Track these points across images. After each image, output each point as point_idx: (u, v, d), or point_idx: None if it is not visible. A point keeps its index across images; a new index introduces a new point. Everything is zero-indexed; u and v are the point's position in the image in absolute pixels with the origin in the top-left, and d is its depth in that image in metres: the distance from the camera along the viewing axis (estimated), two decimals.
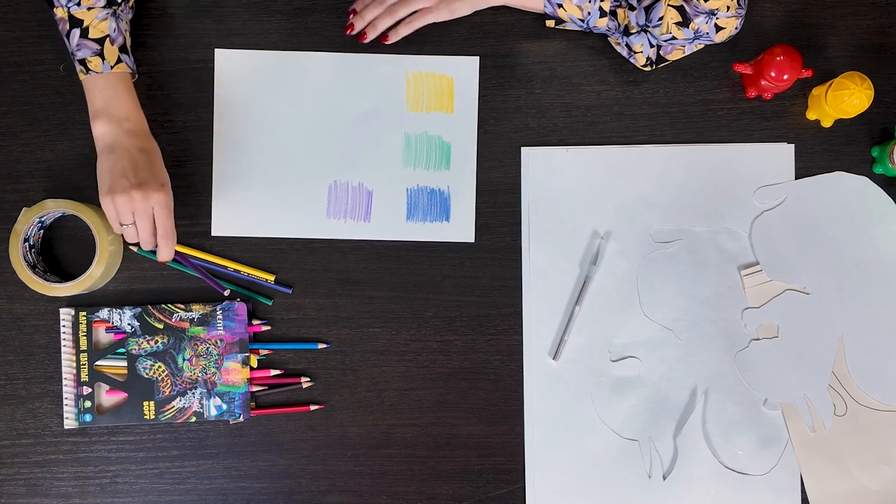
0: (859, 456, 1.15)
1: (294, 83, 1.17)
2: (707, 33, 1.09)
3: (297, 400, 1.15)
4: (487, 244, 1.16)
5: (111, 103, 1.05)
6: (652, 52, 1.12)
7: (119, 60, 1.05)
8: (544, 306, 1.17)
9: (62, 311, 1.13)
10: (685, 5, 1.08)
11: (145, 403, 1.13)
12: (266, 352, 1.15)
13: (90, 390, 1.13)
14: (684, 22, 1.08)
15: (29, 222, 1.09)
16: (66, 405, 1.13)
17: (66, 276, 1.14)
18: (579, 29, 1.15)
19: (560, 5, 1.11)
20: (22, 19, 1.16)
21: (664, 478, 1.15)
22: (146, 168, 1.02)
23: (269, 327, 1.15)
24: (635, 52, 1.13)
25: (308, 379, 1.15)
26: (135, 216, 1.02)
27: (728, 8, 1.07)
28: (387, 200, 1.17)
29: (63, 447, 1.15)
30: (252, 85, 1.17)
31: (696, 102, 1.18)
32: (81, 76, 1.05)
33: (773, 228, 1.16)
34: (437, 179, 1.17)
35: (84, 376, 1.13)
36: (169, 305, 1.13)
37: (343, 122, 1.17)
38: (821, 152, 1.18)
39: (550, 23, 1.15)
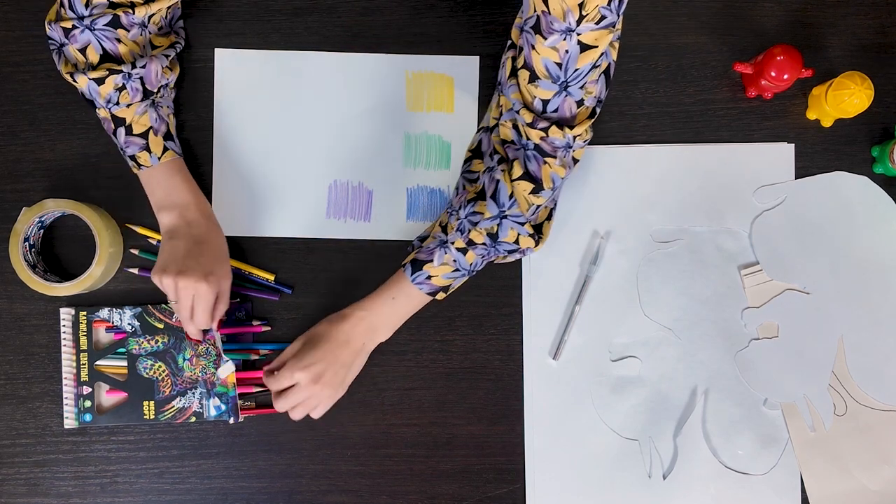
0: (859, 456, 1.15)
1: (294, 83, 1.17)
2: (563, 178, 1.03)
3: None
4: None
5: (170, 194, 1.07)
6: (527, 228, 1.05)
7: (165, 149, 1.07)
8: (544, 306, 1.17)
9: (62, 310, 1.13)
10: (527, 167, 1.02)
11: (145, 403, 1.13)
12: (266, 352, 1.15)
13: (90, 390, 1.13)
14: (538, 186, 1.02)
15: (29, 222, 1.09)
16: (66, 405, 1.13)
17: (67, 275, 1.14)
18: (466, 277, 1.09)
19: (429, 278, 1.06)
20: (22, 19, 1.16)
21: (664, 477, 1.15)
22: (196, 257, 1.03)
23: (269, 328, 1.15)
24: (520, 246, 1.06)
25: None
26: (178, 299, 1.04)
27: (579, 136, 0.99)
28: (387, 200, 1.16)
29: (63, 447, 1.15)
30: (252, 85, 1.17)
31: (696, 102, 1.18)
32: (134, 171, 1.08)
33: (774, 228, 1.16)
34: (437, 179, 1.17)
35: (84, 376, 1.13)
36: (169, 305, 1.13)
37: (343, 122, 1.17)
38: (821, 152, 1.18)
39: (442, 295, 1.09)
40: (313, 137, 1.17)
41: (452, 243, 1.05)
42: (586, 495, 1.16)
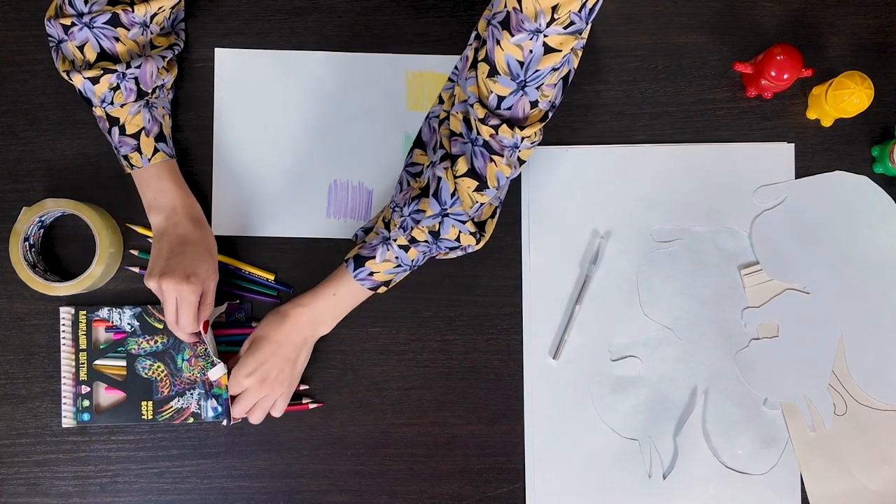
0: (859, 455, 1.15)
1: (294, 83, 1.17)
2: (507, 176, 1.02)
3: (296, 399, 1.15)
4: (487, 244, 1.16)
5: (158, 196, 1.07)
6: (469, 226, 1.04)
7: (156, 150, 1.07)
8: (544, 306, 1.16)
9: (62, 309, 1.13)
10: (473, 164, 1.01)
11: (143, 403, 1.13)
12: None
13: (89, 389, 1.13)
14: (481, 185, 1.01)
15: (29, 222, 1.09)
16: (65, 404, 1.13)
17: (66, 275, 1.14)
18: (409, 272, 1.09)
19: (371, 274, 1.06)
20: (22, 19, 1.16)
21: (664, 477, 1.15)
22: (178, 258, 1.04)
23: None
24: (461, 244, 1.06)
25: (306, 386, 1.15)
26: (163, 302, 1.05)
27: (527, 137, 0.99)
28: (387, 200, 1.16)
29: (63, 446, 1.15)
30: (252, 85, 1.17)
31: (696, 102, 1.18)
32: (126, 170, 1.08)
33: (774, 228, 1.16)
34: None
35: (83, 375, 1.13)
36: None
37: (343, 122, 1.17)
38: (821, 152, 1.18)
39: (383, 289, 1.09)
40: (313, 137, 1.17)
41: (395, 240, 1.05)
42: (586, 495, 1.16)
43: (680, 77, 1.18)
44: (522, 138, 0.98)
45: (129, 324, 1.13)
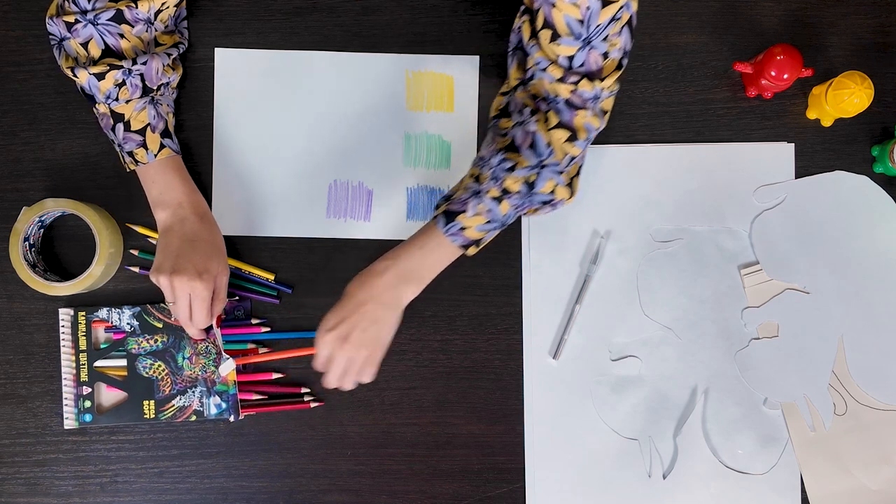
0: (859, 455, 1.15)
1: (294, 83, 1.17)
2: (598, 127, 1.02)
3: (296, 397, 1.15)
4: (487, 244, 1.16)
5: (164, 192, 1.06)
6: (564, 178, 1.03)
7: (162, 146, 1.06)
8: (544, 306, 1.17)
9: (61, 311, 1.13)
10: (561, 118, 1.00)
11: (145, 403, 1.13)
12: (265, 350, 1.15)
13: (90, 390, 1.13)
14: (573, 135, 1.01)
15: (29, 221, 1.09)
16: (66, 405, 1.13)
17: (67, 275, 1.14)
18: (499, 230, 1.05)
19: (462, 229, 1.02)
20: (22, 19, 1.16)
21: (664, 477, 1.15)
22: (188, 255, 1.03)
23: (267, 329, 1.15)
24: (555, 198, 1.04)
25: (308, 391, 1.15)
26: (175, 299, 1.04)
27: (607, 88, 1.00)
28: (387, 200, 1.16)
29: (63, 446, 1.15)
30: (252, 84, 1.17)
31: (696, 102, 1.18)
32: (131, 167, 1.07)
33: (773, 228, 1.16)
34: (437, 179, 1.17)
35: (84, 376, 1.13)
36: (168, 304, 1.13)
37: (343, 122, 1.17)
38: (821, 151, 1.18)
39: (472, 250, 1.04)
40: (313, 137, 1.17)
41: (487, 192, 1.01)
42: (586, 495, 1.16)
43: (680, 77, 1.18)
44: (602, 89, 0.99)
45: (128, 324, 1.13)
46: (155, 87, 1.06)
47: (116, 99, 1.04)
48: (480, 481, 1.16)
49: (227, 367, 1.09)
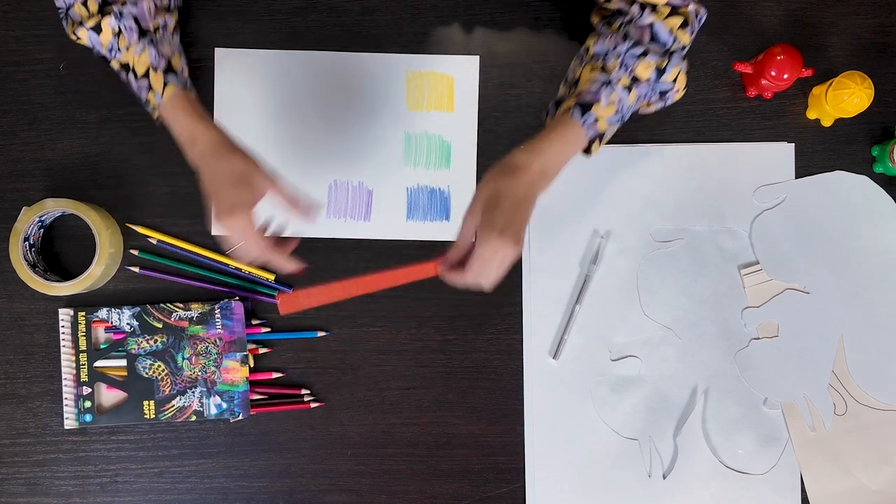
0: (859, 455, 1.15)
1: (294, 83, 1.17)
2: (699, 16, 1.04)
3: (296, 397, 1.16)
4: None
5: (180, 134, 1.01)
6: (685, 65, 1.04)
7: (166, 83, 1.01)
8: (544, 306, 1.17)
9: (61, 311, 1.13)
10: (671, 2, 1.02)
11: (145, 403, 1.13)
12: (265, 350, 1.15)
13: (90, 390, 1.13)
14: (685, 21, 1.03)
15: (29, 221, 1.09)
16: (67, 406, 1.13)
17: (67, 275, 1.14)
18: (616, 128, 1.05)
19: (596, 121, 1.01)
20: (22, 19, 1.16)
21: (664, 477, 1.15)
22: (217, 195, 0.97)
23: (268, 329, 1.15)
24: (676, 87, 1.04)
25: (308, 392, 1.15)
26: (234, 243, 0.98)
27: None
28: (387, 200, 1.16)
29: (63, 446, 1.15)
30: (252, 85, 1.17)
31: (696, 102, 1.18)
32: (154, 117, 1.03)
33: (773, 228, 1.16)
34: (437, 179, 1.17)
35: (84, 376, 1.13)
36: (168, 305, 1.13)
37: (343, 122, 1.17)
38: (821, 151, 1.18)
39: (596, 146, 1.03)
40: (313, 137, 1.17)
41: (618, 81, 1.01)
42: (586, 495, 1.16)
43: None
44: None
45: (128, 324, 1.13)
46: (151, 29, 1.04)
47: (119, 49, 1.02)
48: (480, 481, 1.16)
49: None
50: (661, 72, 1.02)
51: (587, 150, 1.03)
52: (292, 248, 1.02)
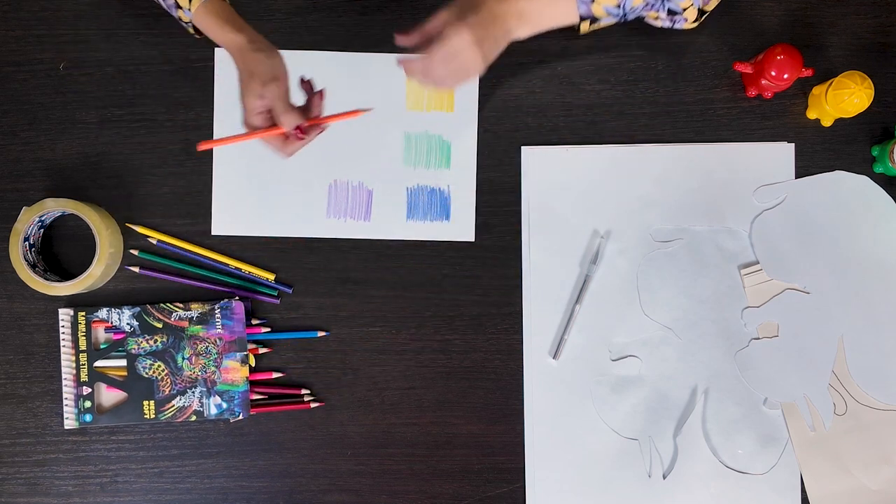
0: (859, 455, 1.15)
1: (294, 83, 1.16)
2: None
3: (296, 397, 1.16)
4: (487, 243, 1.16)
5: (217, 40, 1.03)
6: (700, 1, 1.06)
7: None
8: (544, 305, 1.17)
9: (61, 311, 1.13)
10: None
11: (145, 403, 1.13)
12: (265, 350, 1.15)
13: (90, 390, 1.13)
14: None
15: (29, 221, 1.09)
16: (67, 405, 1.13)
17: (67, 275, 1.14)
18: (613, 21, 1.07)
19: (593, 0, 1.03)
20: (22, 19, 1.16)
21: (664, 477, 1.15)
22: (245, 96, 1.01)
23: (268, 329, 1.15)
24: (684, 10, 1.06)
25: (308, 392, 1.15)
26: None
27: None
28: (387, 199, 1.16)
29: (63, 446, 1.15)
30: None
31: (696, 102, 1.18)
32: (191, 31, 1.07)
33: (773, 228, 1.16)
34: (437, 178, 1.17)
35: (84, 376, 1.13)
36: (168, 305, 1.13)
37: (343, 122, 1.17)
38: (821, 151, 1.18)
39: (585, 26, 1.06)
40: None
41: None
42: (586, 495, 1.16)
43: (680, 77, 1.18)
44: None
45: (128, 324, 1.13)
46: None
47: None
48: (480, 481, 1.16)
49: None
50: None
51: (578, 29, 1.05)
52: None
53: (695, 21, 1.08)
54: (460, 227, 1.17)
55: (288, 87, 1.01)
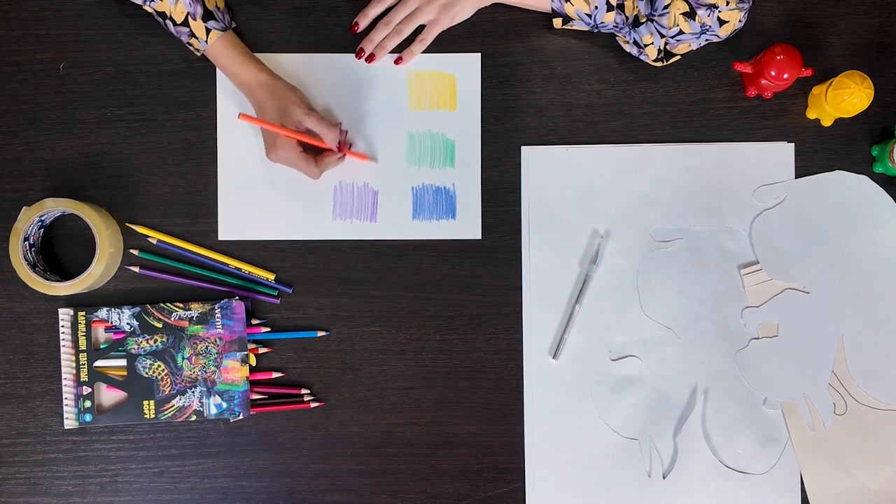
0: (859, 455, 1.15)
1: (296, 84, 1.16)
2: (711, 27, 1.09)
3: (296, 397, 1.15)
4: (487, 243, 1.16)
5: (229, 76, 1.12)
6: (662, 43, 1.11)
7: (208, 30, 1.09)
8: (544, 305, 1.17)
9: (61, 311, 1.13)
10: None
11: (145, 402, 1.13)
12: (265, 350, 1.15)
13: (90, 390, 1.13)
14: (691, 13, 1.08)
15: (29, 221, 1.09)
16: (67, 405, 1.13)
17: (66, 275, 1.14)
18: (586, 28, 1.14)
19: (568, 0, 1.11)
20: (22, 18, 1.16)
21: (664, 477, 1.15)
22: (265, 132, 1.10)
23: (267, 329, 1.15)
24: (645, 46, 1.12)
25: (308, 391, 1.15)
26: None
27: (728, 2, 1.07)
28: (392, 200, 1.16)
29: (63, 446, 1.15)
30: None
31: (696, 101, 1.18)
32: (196, 55, 1.14)
33: (773, 227, 1.17)
34: (442, 177, 1.17)
35: (84, 376, 1.12)
36: (168, 304, 1.13)
37: (346, 122, 1.17)
38: (821, 151, 1.18)
39: (557, 22, 1.14)
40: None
41: None
42: (586, 495, 1.16)
43: (680, 77, 1.18)
44: None
45: (128, 324, 1.13)
46: None
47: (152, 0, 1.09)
48: (480, 481, 1.16)
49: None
50: (635, 22, 1.10)
51: (552, 19, 1.14)
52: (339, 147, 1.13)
53: (657, 60, 1.13)
54: (466, 225, 1.17)
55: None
